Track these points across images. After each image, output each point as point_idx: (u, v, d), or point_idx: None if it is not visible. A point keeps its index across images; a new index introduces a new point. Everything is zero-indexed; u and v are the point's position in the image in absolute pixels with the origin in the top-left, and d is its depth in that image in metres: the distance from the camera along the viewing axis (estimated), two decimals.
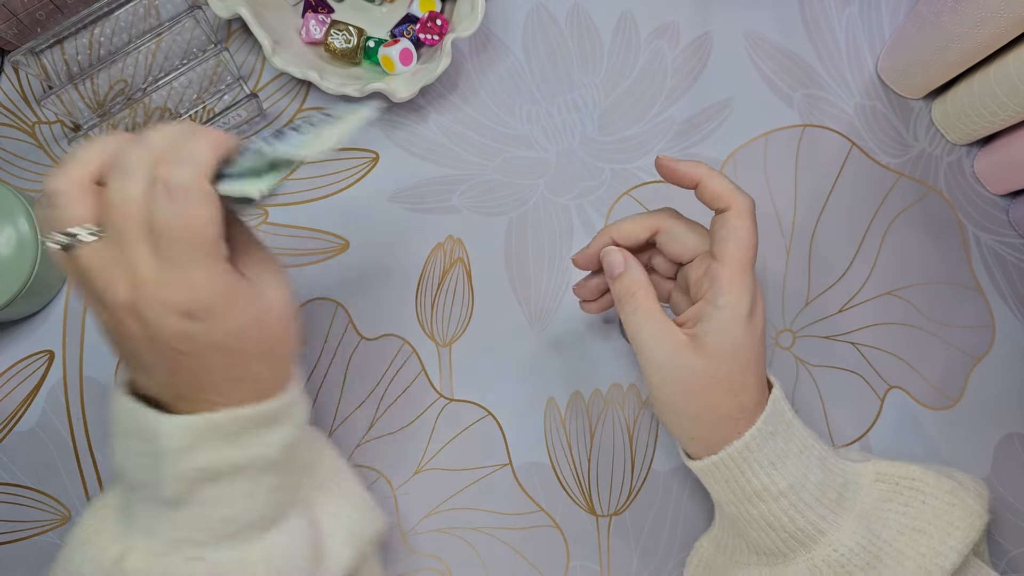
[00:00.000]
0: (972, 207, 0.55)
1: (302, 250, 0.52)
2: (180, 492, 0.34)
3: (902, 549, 0.39)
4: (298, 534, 0.38)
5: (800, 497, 0.40)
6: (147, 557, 0.35)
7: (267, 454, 0.36)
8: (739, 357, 0.39)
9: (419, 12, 0.52)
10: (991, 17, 0.45)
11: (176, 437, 0.33)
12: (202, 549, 0.35)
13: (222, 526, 0.35)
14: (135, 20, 0.52)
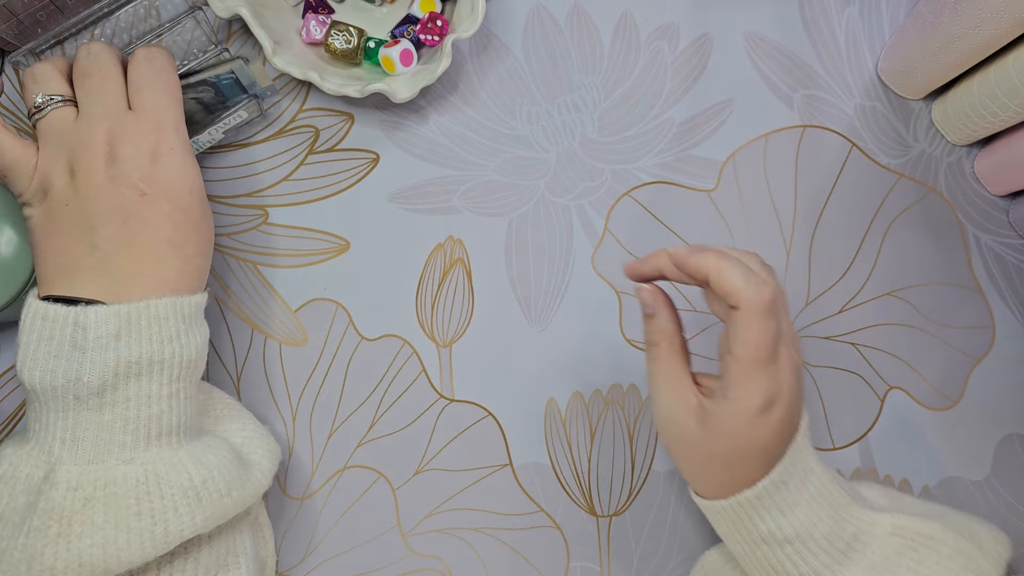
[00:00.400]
0: (972, 208, 0.55)
1: (302, 250, 0.52)
2: (103, 386, 0.34)
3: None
4: (221, 442, 0.39)
5: (806, 545, 0.39)
6: (77, 467, 0.35)
7: (185, 354, 0.36)
8: (738, 443, 0.38)
9: (419, 13, 0.52)
10: (991, 17, 0.45)
11: (103, 324, 0.35)
12: (132, 451, 0.35)
13: (147, 426, 0.35)
14: (135, 21, 0.52)
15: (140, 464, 0.35)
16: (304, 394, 0.51)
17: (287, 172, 0.53)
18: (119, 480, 0.35)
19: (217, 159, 0.53)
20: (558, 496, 0.51)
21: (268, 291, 0.52)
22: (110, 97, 0.40)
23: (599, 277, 0.53)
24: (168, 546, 0.36)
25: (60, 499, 0.34)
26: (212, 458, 0.38)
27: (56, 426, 0.35)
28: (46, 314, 0.36)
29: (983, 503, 0.52)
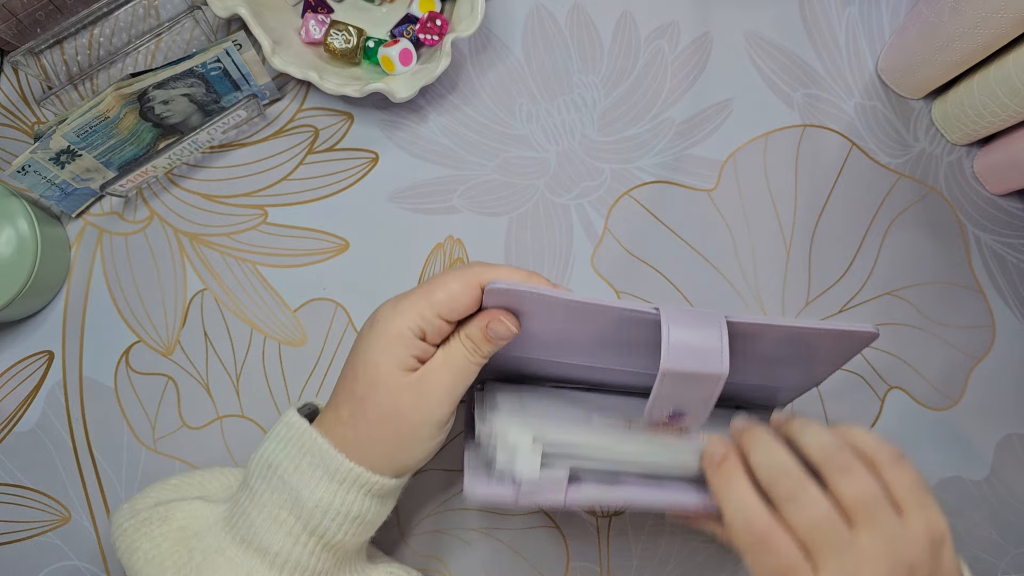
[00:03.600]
0: (972, 207, 0.55)
1: (302, 250, 0.52)
2: (250, 475, 0.39)
3: None
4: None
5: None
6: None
7: (304, 496, 0.38)
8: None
9: (419, 12, 0.52)
10: (991, 17, 0.45)
11: (280, 422, 0.40)
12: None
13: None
14: (135, 20, 0.52)
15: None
16: (304, 394, 0.51)
17: (286, 172, 0.53)
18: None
19: (217, 159, 0.53)
20: None
21: (267, 291, 0.52)
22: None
23: (599, 276, 0.53)
24: None
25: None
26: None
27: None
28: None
29: (983, 503, 0.52)
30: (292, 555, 0.38)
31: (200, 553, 0.38)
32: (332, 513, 0.38)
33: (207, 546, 0.38)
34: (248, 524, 0.39)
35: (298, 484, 0.38)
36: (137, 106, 0.48)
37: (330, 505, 0.38)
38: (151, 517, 0.40)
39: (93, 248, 0.52)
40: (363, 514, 0.39)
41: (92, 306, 0.51)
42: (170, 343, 0.51)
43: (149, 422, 0.50)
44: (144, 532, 0.39)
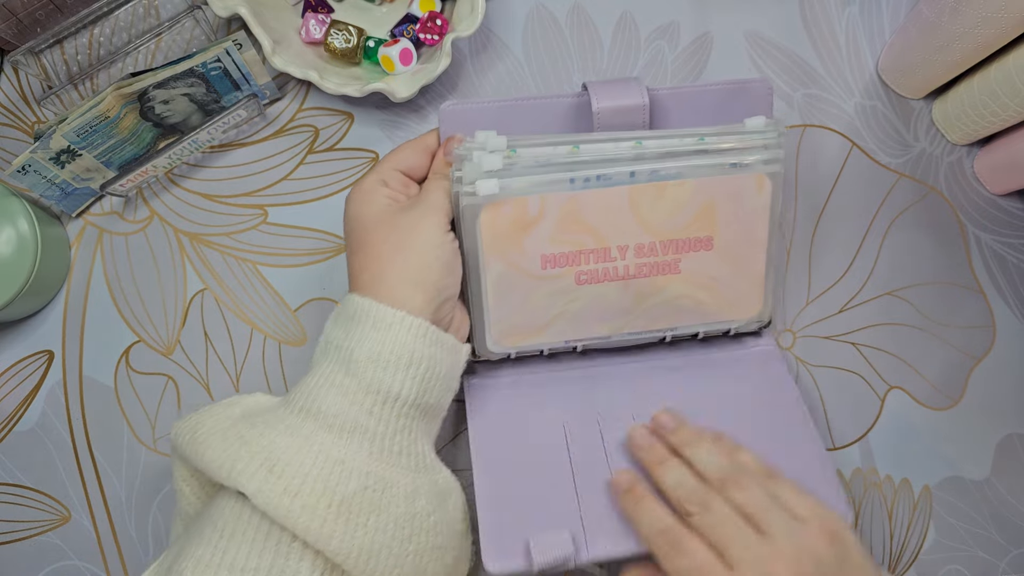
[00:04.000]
0: (972, 207, 0.55)
1: (302, 250, 0.52)
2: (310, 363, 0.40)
3: None
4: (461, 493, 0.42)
5: None
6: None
7: (356, 353, 0.39)
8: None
9: (419, 12, 0.52)
10: (991, 17, 0.45)
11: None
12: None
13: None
14: (135, 20, 0.52)
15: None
16: None
17: (287, 171, 0.53)
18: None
19: (217, 158, 0.53)
20: None
21: (268, 291, 0.52)
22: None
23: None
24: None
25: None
26: (456, 501, 0.41)
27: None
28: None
29: (983, 503, 0.52)
30: (349, 416, 0.37)
31: (262, 423, 0.37)
32: (383, 362, 0.38)
33: (268, 418, 0.38)
34: (305, 393, 0.38)
35: (349, 344, 0.39)
36: (137, 106, 0.48)
37: (379, 353, 0.38)
38: (218, 405, 0.40)
39: (93, 248, 0.52)
40: (416, 359, 0.39)
41: (92, 306, 0.51)
42: (170, 343, 0.51)
43: (149, 422, 0.50)
44: (208, 413, 0.39)
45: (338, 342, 0.39)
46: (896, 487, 0.52)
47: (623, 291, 0.46)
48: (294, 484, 0.35)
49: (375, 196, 0.42)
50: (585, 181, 0.43)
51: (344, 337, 0.39)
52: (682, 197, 0.45)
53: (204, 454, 0.37)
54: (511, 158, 0.43)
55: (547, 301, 0.46)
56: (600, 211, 0.44)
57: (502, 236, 0.44)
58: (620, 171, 0.44)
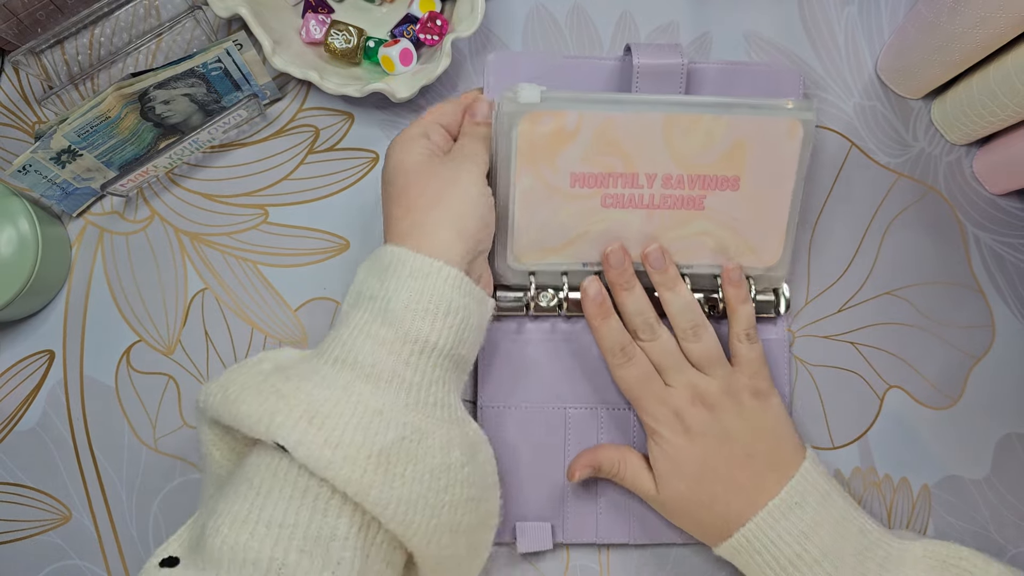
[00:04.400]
0: (971, 207, 0.55)
1: (302, 250, 0.52)
2: (340, 314, 0.41)
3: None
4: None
5: (836, 567, 0.41)
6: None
7: (393, 303, 0.39)
8: (697, 494, 0.45)
9: (419, 12, 0.52)
10: (990, 17, 0.45)
11: (367, 257, 0.43)
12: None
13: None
14: (135, 20, 0.52)
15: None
16: None
17: (287, 171, 0.53)
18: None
19: (217, 158, 0.53)
20: None
21: (268, 290, 0.52)
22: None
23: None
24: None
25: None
26: (486, 453, 0.42)
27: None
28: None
29: (983, 502, 0.52)
30: (387, 365, 0.37)
31: (296, 378, 0.37)
32: (420, 310, 0.38)
33: (301, 370, 0.38)
34: (339, 344, 0.38)
35: (385, 294, 0.39)
36: (138, 106, 0.48)
37: (417, 301, 0.38)
38: (247, 362, 0.40)
39: (94, 247, 0.52)
40: (453, 308, 0.39)
41: (93, 305, 0.51)
42: (171, 342, 0.51)
43: (150, 421, 0.50)
44: (237, 371, 0.39)
45: (372, 292, 0.39)
46: (895, 486, 0.52)
47: (646, 220, 0.47)
48: (335, 435, 0.34)
49: (416, 145, 0.43)
50: (624, 105, 0.45)
51: (379, 287, 0.39)
52: (716, 131, 0.46)
53: (239, 410, 0.36)
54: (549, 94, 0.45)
55: (572, 220, 0.47)
56: (634, 135, 0.45)
57: (537, 148, 0.45)
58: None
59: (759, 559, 0.43)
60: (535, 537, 0.48)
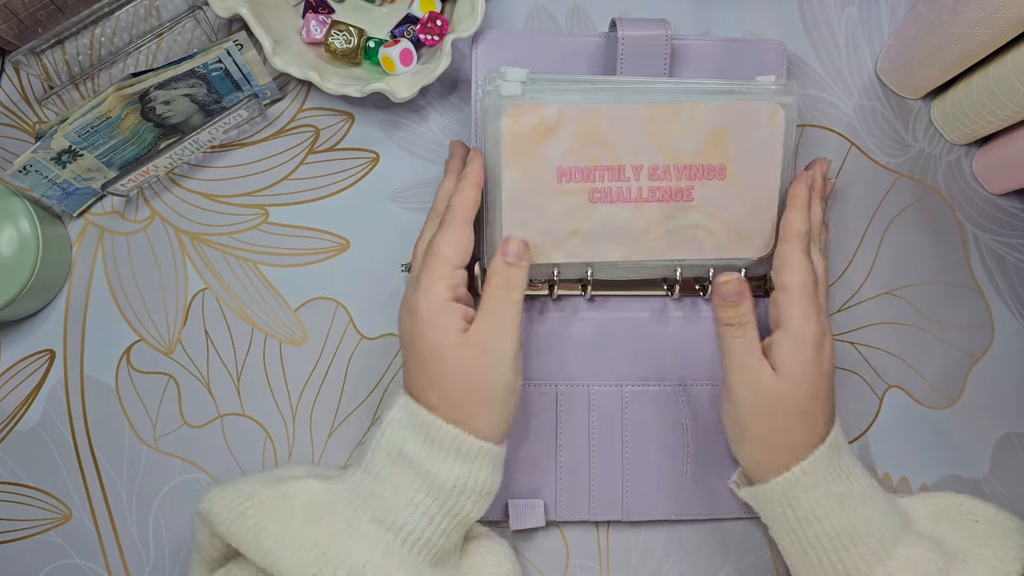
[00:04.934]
0: (971, 207, 0.55)
1: (302, 250, 0.52)
2: (373, 460, 0.41)
3: (967, 559, 0.42)
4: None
5: (870, 513, 0.43)
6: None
7: (441, 478, 0.40)
8: (803, 384, 0.43)
9: (419, 12, 0.52)
10: (990, 17, 0.45)
11: (398, 410, 0.42)
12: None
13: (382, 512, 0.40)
14: (136, 20, 0.52)
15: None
16: (304, 393, 0.51)
17: (287, 171, 0.53)
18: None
19: (218, 158, 0.53)
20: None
21: (268, 290, 0.52)
22: (413, 263, 0.46)
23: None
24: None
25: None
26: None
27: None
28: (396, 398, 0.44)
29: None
30: (425, 534, 0.40)
31: (334, 531, 0.39)
32: (468, 491, 0.40)
33: (338, 525, 0.39)
34: (381, 505, 0.40)
35: (432, 467, 0.40)
36: (138, 106, 0.48)
37: (466, 484, 0.40)
38: (271, 497, 0.40)
39: (94, 247, 0.52)
40: (492, 488, 0.42)
41: (93, 305, 0.51)
42: (171, 342, 0.51)
43: (150, 421, 0.50)
44: (267, 512, 0.39)
45: (416, 458, 0.40)
46: (895, 486, 0.52)
47: (636, 214, 0.47)
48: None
49: (450, 319, 0.42)
50: (604, 95, 0.45)
51: (425, 456, 0.40)
52: (696, 117, 0.46)
53: (278, 564, 0.38)
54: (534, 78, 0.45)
55: (561, 217, 0.47)
56: (616, 126, 0.45)
57: (521, 141, 0.45)
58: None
59: (817, 493, 0.42)
60: (527, 514, 0.48)
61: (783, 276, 0.44)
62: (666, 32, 0.49)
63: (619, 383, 0.50)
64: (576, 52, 0.51)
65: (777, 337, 0.44)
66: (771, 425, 0.43)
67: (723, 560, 0.51)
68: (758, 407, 0.43)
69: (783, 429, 0.43)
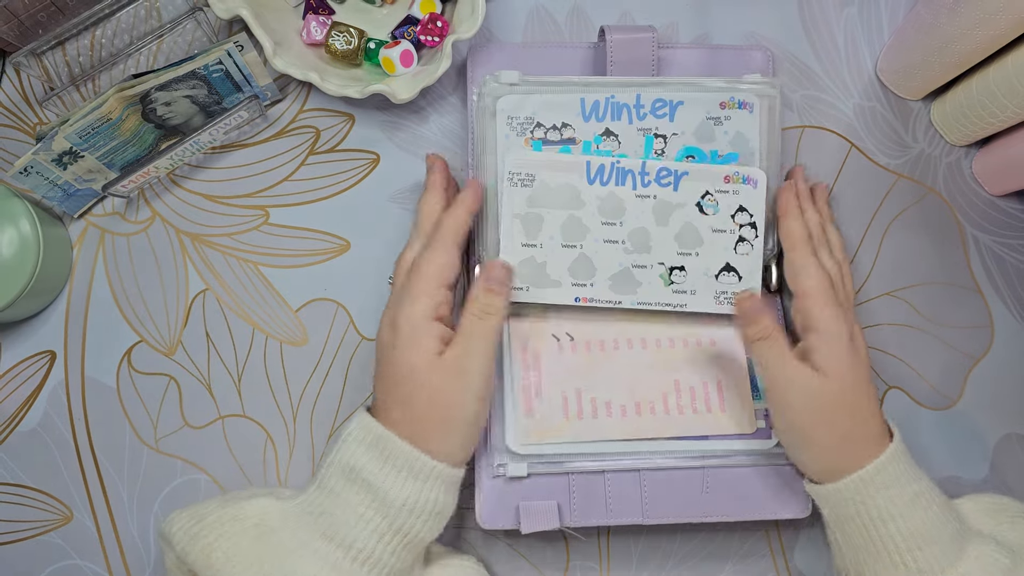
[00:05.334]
0: (971, 208, 0.55)
1: (302, 250, 0.52)
2: (327, 476, 0.41)
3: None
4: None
5: (940, 509, 0.43)
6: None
7: (392, 496, 0.40)
8: (848, 376, 0.43)
9: (420, 14, 0.52)
10: (990, 18, 0.45)
11: (355, 426, 0.42)
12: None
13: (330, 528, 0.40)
14: (136, 22, 0.52)
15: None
16: (305, 393, 0.51)
17: (288, 172, 0.53)
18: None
19: (218, 159, 0.53)
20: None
21: (269, 291, 0.52)
22: (396, 277, 0.46)
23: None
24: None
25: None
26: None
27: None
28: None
29: None
30: (375, 552, 0.39)
31: (283, 548, 0.39)
32: (418, 511, 0.40)
33: (289, 541, 0.39)
34: (331, 521, 0.40)
35: (384, 485, 0.40)
36: (139, 108, 0.48)
37: (416, 503, 0.40)
38: (222, 517, 0.40)
39: (95, 248, 0.52)
40: (443, 509, 0.42)
41: (94, 306, 0.51)
42: (172, 343, 0.51)
43: (151, 422, 0.50)
44: (220, 532, 0.39)
45: (369, 476, 0.40)
46: None
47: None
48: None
49: (428, 340, 0.42)
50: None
51: (377, 472, 0.40)
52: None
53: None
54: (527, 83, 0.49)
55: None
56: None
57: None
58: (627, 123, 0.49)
59: (883, 495, 0.42)
60: (540, 517, 0.47)
61: (799, 283, 0.45)
62: (652, 36, 0.50)
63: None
64: (568, 61, 0.52)
65: (810, 341, 0.44)
66: (827, 423, 0.43)
67: (723, 563, 0.51)
68: (810, 409, 0.43)
69: (839, 425, 0.43)
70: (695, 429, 0.48)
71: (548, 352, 0.48)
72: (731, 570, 0.51)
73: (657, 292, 0.48)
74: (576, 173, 0.48)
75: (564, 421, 0.47)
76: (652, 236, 0.48)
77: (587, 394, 0.48)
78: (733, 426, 0.48)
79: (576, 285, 0.48)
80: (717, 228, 0.49)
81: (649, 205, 0.48)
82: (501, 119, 0.48)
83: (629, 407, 0.48)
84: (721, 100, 0.49)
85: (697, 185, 0.48)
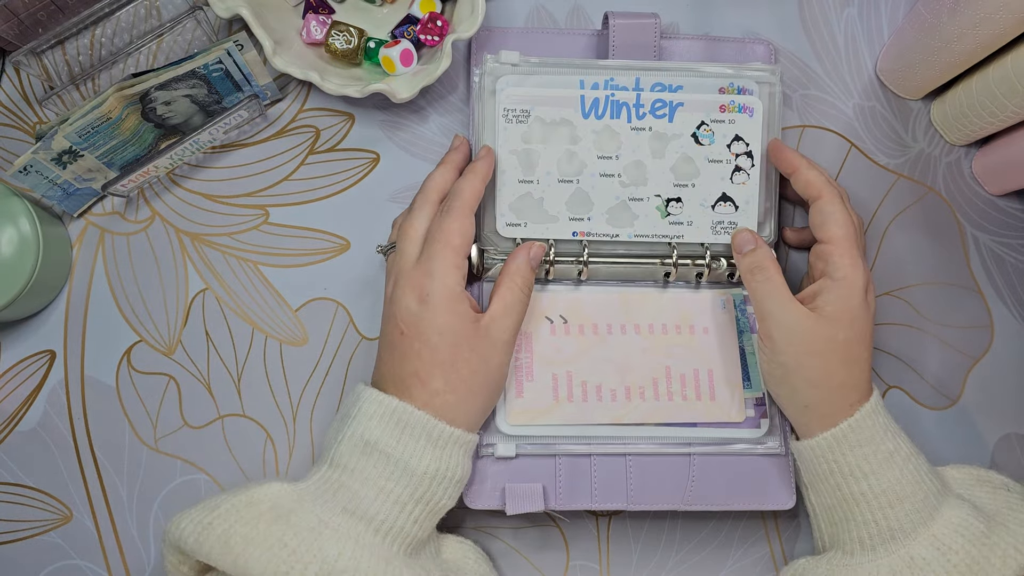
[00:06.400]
0: (971, 207, 0.55)
1: (303, 250, 0.52)
2: (339, 454, 0.41)
3: (1006, 524, 0.42)
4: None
5: (918, 468, 0.43)
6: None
7: (412, 465, 0.40)
8: (855, 327, 0.43)
9: (419, 13, 0.52)
10: (990, 18, 0.45)
11: (366, 401, 0.42)
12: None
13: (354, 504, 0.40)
14: (136, 21, 0.52)
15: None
16: (304, 393, 0.51)
17: (288, 172, 0.53)
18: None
19: (218, 159, 0.53)
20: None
21: (269, 291, 0.52)
22: (404, 254, 0.45)
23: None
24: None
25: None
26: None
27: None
28: (356, 389, 0.44)
29: None
30: (397, 522, 0.40)
31: (303, 527, 0.39)
32: (439, 477, 0.41)
33: (308, 520, 0.39)
34: (350, 496, 0.40)
35: (404, 455, 0.40)
36: (139, 107, 0.48)
37: (437, 470, 0.41)
38: (236, 504, 0.40)
39: (95, 248, 0.52)
40: (463, 476, 0.42)
41: (94, 306, 0.51)
42: (171, 343, 0.51)
43: (150, 421, 0.50)
44: (236, 518, 0.39)
45: (387, 448, 0.41)
46: None
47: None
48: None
49: (466, 308, 0.43)
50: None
51: (396, 444, 0.41)
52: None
53: (248, 568, 0.37)
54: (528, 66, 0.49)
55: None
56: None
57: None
58: (626, 95, 0.49)
59: (856, 453, 0.43)
60: (524, 499, 0.46)
61: (827, 229, 0.45)
62: (656, 21, 0.51)
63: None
64: (572, 47, 0.53)
65: (824, 284, 0.44)
66: (816, 365, 0.43)
67: (724, 558, 0.51)
68: (801, 346, 0.43)
69: (831, 370, 0.43)
70: (684, 416, 0.48)
71: (540, 334, 0.48)
72: (732, 566, 0.51)
73: (654, 224, 0.49)
74: (571, 107, 0.49)
75: (554, 403, 0.48)
76: (648, 168, 0.49)
77: (578, 377, 0.48)
78: (722, 414, 0.48)
79: (573, 219, 0.49)
80: (713, 158, 0.49)
81: (645, 137, 0.49)
82: (499, 107, 0.49)
83: (619, 392, 0.48)
84: (720, 86, 0.50)
85: (692, 116, 0.49)
